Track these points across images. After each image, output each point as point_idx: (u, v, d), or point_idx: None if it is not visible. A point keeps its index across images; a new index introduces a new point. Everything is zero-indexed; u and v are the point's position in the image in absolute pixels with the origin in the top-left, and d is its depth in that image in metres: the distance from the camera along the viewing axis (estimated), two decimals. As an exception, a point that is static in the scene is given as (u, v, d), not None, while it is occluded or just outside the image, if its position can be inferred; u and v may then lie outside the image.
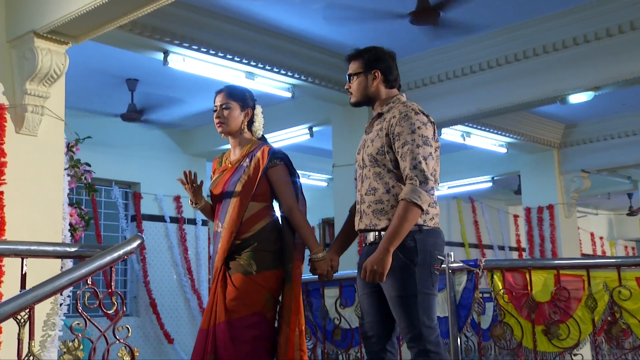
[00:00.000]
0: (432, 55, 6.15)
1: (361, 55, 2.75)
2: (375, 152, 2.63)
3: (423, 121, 2.58)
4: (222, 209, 2.82)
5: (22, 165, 3.87)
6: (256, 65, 5.51)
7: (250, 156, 2.88)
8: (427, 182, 2.51)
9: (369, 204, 2.63)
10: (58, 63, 3.88)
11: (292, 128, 7.38)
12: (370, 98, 2.74)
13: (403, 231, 2.47)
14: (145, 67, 6.09)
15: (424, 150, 2.53)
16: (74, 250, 2.32)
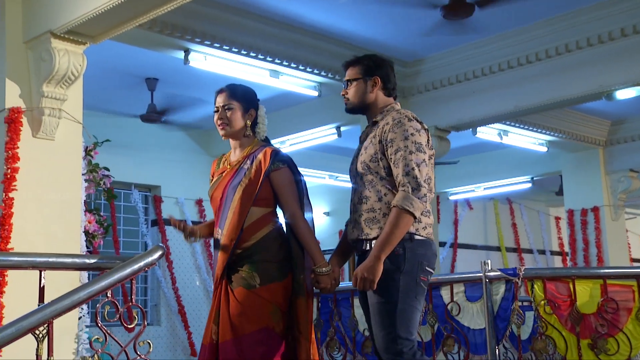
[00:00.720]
0: (466, 50, 6.09)
1: (361, 61, 2.82)
2: (368, 160, 2.68)
3: (417, 128, 2.64)
4: (221, 214, 2.78)
5: (39, 171, 3.94)
6: (281, 62, 5.52)
7: (251, 158, 2.84)
8: (420, 189, 2.55)
9: (361, 212, 2.68)
10: (75, 64, 3.93)
11: (318, 128, 7.39)
12: (367, 105, 2.79)
13: (394, 238, 2.52)
14: (165, 66, 6.15)
15: (417, 156, 2.59)
16: (93, 262, 2.34)
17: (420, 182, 2.56)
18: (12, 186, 3.79)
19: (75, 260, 2.32)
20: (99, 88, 6.59)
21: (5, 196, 3.76)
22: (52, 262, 2.20)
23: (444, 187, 9.98)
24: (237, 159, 2.87)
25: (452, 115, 6.42)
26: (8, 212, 3.77)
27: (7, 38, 3.97)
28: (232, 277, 2.68)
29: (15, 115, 3.87)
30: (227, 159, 2.94)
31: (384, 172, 2.65)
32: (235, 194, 2.76)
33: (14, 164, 3.82)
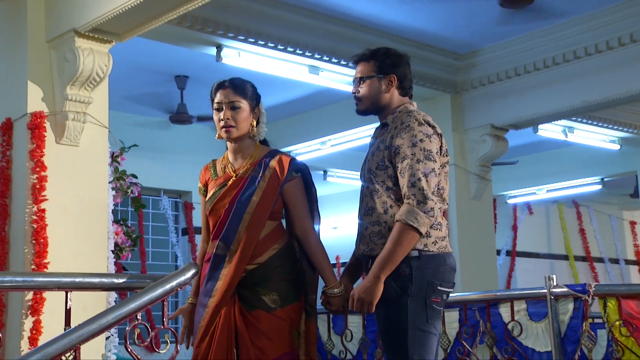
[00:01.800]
0: (526, 40, 6.00)
1: (375, 56, 2.75)
2: (374, 167, 2.65)
3: (427, 133, 2.59)
4: (226, 227, 2.71)
5: (63, 180, 4.02)
6: (321, 57, 5.52)
7: (262, 165, 2.78)
8: (426, 202, 2.50)
9: (367, 225, 2.65)
10: (101, 64, 4.00)
11: (362, 127, 7.34)
12: (381, 106, 2.74)
13: (397, 257, 2.48)
14: (195, 63, 6.21)
15: (425, 166, 2.53)
16: (122, 282, 2.38)
17: (426, 194, 2.51)
18: (41, 196, 3.87)
19: (103, 280, 2.36)
20: (124, 87, 6.70)
21: (37, 207, 3.84)
22: (79, 283, 2.24)
23: (501, 189, 9.86)
24: (244, 166, 2.81)
25: (511, 112, 6.34)
26: (41, 224, 3.84)
27: (29, 37, 4.06)
28: (245, 297, 2.63)
29: (38, 120, 3.95)
30: (228, 166, 2.86)
31: (391, 182, 2.61)
32: (250, 206, 2.71)
33: (42, 172, 3.90)
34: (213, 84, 2.92)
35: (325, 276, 2.75)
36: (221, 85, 2.87)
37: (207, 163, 3.01)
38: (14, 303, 3.80)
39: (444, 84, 6.42)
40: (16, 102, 4.07)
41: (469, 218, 6.57)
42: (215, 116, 2.82)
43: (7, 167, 4.06)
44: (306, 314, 2.75)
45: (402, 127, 2.59)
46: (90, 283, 2.32)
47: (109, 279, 2.39)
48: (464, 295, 4.23)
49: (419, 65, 6.15)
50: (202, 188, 2.93)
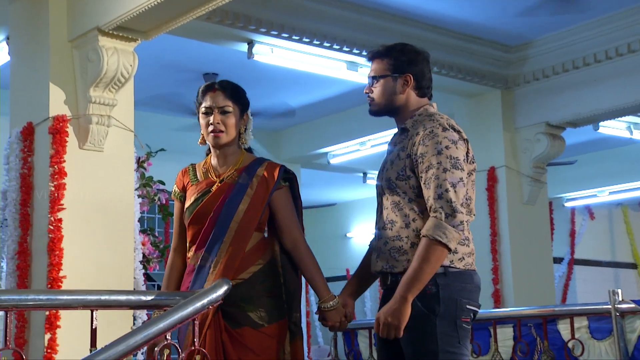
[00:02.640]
0: (585, 29, 5.90)
1: (390, 53, 2.72)
2: (394, 177, 2.62)
3: (452, 139, 2.55)
4: (211, 237, 2.71)
5: (87, 187, 4.08)
6: (360, 53, 5.51)
7: (248, 173, 2.80)
8: (456, 215, 2.47)
9: (386, 240, 2.62)
10: (126, 64, 4.05)
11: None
12: (396, 108, 2.71)
13: (424, 275, 2.45)
14: (225, 60, 6.26)
15: (453, 175, 2.50)
16: (150, 299, 2.40)
17: (455, 206, 2.47)
18: (59, 205, 3.94)
19: (130, 298, 2.39)
20: (150, 87, 6.77)
21: (53, 217, 3.91)
22: (105, 301, 2.27)
23: (558, 191, 9.73)
24: (228, 173, 2.82)
25: (568, 108, 6.25)
26: (57, 235, 3.90)
27: (50, 36, 4.13)
28: (230, 314, 2.63)
29: (61, 124, 4.02)
30: (210, 171, 2.87)
31: (413, 193, 2.58)
32: (236, 215, 2.73)
33: (61, 179, 3.97)
34: (200, 86, 2.94)
35: (317, 289, 2.76)
36: (210, 87, 2.89)
37: (185, 167, 2.98)
38: (36, 319, 3.87)
39: (494, 78, 6.36)
40: (37, 106, 4.15)
41: (522, 224, 6.49)
42: (202, 119, 2.85)
43: (29, 174, 4.13)
44: (291, 334, 2.77)
45: (425, 133, 2.56)
46: (116, 301, 2.34)
47: (136, 297, 2.41)
48: (519, 310, 4.18)
49: (466, 58, 6.10)
50: (179, 192, 2.92)
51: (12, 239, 4.10)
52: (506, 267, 6.34)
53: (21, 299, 2.15)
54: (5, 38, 4.79)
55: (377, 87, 2.70)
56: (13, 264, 4.04)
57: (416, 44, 5.72)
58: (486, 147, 6.55)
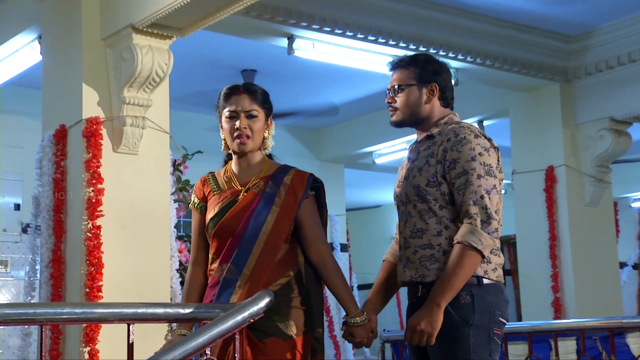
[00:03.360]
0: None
1: (415, 63, 2.82)
2: (424, 184, 2.70)
3: (485, 146, 2.66)
4: (238, 249, 2.74)
5: (121, 192, 4.14)
6: (407, 46, 5.49)
7: (275, 181, 2.82)
8: (491, 222, 2.58)
9: (415, 249, 2.70)
10: (161, 62, 4.10)
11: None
12: (421, 118, 2.80)
13: (458, 282, 2.55)
14: (264, 56, 6.30)
15: (487, 182, 2.61)
16: (188, 312, 2.43)
17: (490, 213, 2.58)
18: (97, 212, 4.00)
19: (167, 311, 2.42)
20: (186, 85, 6.85)
21: (92, 224, 3.98)
22: (142, 314, 2.30)
23: (624, 191, 9.59)
24: (253, 182, 2.83)
25: (634, 102, 6.16)
26: (96, 242, 3.97)
27: (83, 35, 4.20)
28: (257, 324, 2.63)
29: (94, 127, 4.08)
30: (233, 179, 2.88)
31: (444, 200, 2.66)
32: (265, 226, 2.75)
33: (99, 185, 4.03)
34: (226, 87, 2.93)
35: (346, 304, 2.79)
36: (235, 90, 2.89)
37: (204, 175, 2.98)
38: (71, 331, 3.94)
39: (552, 71, 6.29)
40: (70, 108, 4.22)
41: (585, 227, 6.41)
42: (226, 124, 2.84)
43: (62, 179, 4.21)
44: (312, 350, 2.78)
45: (457, 140, 2.65)
46: (154, 314, 2.37)
47: (174, 309, 2.44)
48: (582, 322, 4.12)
49: (521, 50, 6.05)
50: (199, 202, 2.92)
51: (46, 246, 4.18)
52: (567, 274, 6.27)
53: (56, 313, 2.19)
54: (37, 37, 4.88)
55: (401, 96, 2.79)
56: (47, 272, 4.13)
57: (465, 36, 5.79)
58: (544, 145, 6.50)
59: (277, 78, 6.86)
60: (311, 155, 8.71)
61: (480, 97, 7.15)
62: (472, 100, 7.15)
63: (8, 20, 5.06)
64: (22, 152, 6.53)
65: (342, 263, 8.79)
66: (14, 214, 6.72)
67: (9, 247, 6.62)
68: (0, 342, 6.33)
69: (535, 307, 6.43)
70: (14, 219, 6.71)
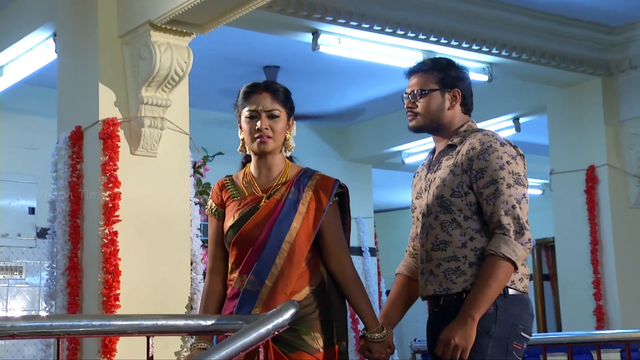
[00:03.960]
0: None
1: (437, 67, 2.87)
2: (448, 194, 2.74)
3: (511, 154, 2.70)
4: (260, 259, 2.72)
5: (139, 196, 4.17)
6: (438, 40, 5.48)
7: (298, 187, 2.80)
8: (524, 232, 2.64)
9: (439, 262, 2.74)
10: (180, 61, 4.12)
11: (489, 120, 7.33)
12: (442, 124, 2.85)
13: (492, 294, 2.60)
14: (288, 52, 6.32)
15: (517, 191, 2.65)
16: (210, 324, 2.44)
17: (523, 223, 2.63)
18: (114, 217, 4.03)
19: (189, 323, 2.42)
20: (206, 82, 6.88)
21: (108, 230, 4.01)
22: (162, 326, 2.31)
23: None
24: (275, 187, 2.81)
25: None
26: (113, 249, 4.00)
27: (99, 32, 4.23)
28: (281, 338, 2.63)
29: (111, 128, 4.11)
30: (254, 184, 2.84)
31: (470, 211, 2.71)
32: (288, 235, 2.73)
33: (116, 188, 4.06)
34: (246, 85, 2.91)
35: (366, 318, 2.79)
36: (255, 89, 2.86)
37: (221, 179, 2.94)
38: (89, 342, 3.97)
39: (593, 65, 6.24)
40: (86, 108, 4.26)
41: (629, 230, 6.36)
42: (246, 124, 2.81)
43: (78, 182, 4.24)
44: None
45: (483, 148, 2.69)
46: (174, 327, 2.38)
47: (195, 321, 2.44)
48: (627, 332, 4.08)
49: (560, 43, 6.01)
50: (216, 209, 2.89)
51: (63, 253, 4.21)
52: (610, 281, 6.21)
53: (73, 326, 2.21)
54: (52, 35, 4.93)
55: (422, 101, 2.84)
56: (64, 280, 4.16)
57: (500, 29, 5.74)
58: (584, 144, 6.45)
59: (301, 75, 6.87)
60: (337, 155, 8.71)
61: (515, 93, 7.15)
62: (507, 97, 7.16)
63: (22, 17, 5.12)
64: (36, 153, 6.59)
65: (371, 267, 8.79)
66: (29, 218, 6.76)
67: (23, 252, 6.67)
68: (16, 352, 6.40)
69: (576, 316, 6.38)
70: (28, 223, 6.76)
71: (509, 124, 7.42)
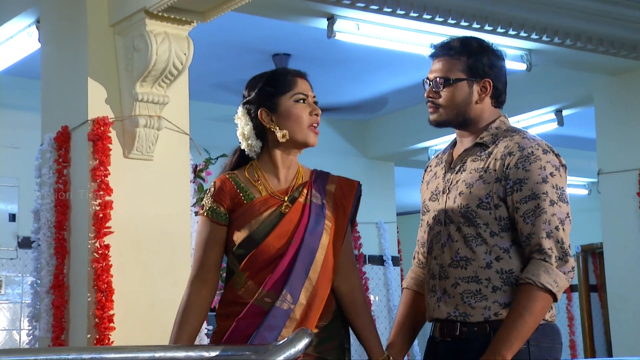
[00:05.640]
0: None
1: (467, 51, 2.73)
2: (475, 204, 2.63)
3: (555, 164, 2.61)
4: (293, 273, 2.68)
5: (134, 204, 4.18)
6: (469, 25, 5.46)
7: (318, 190, 2.78)
8: (567, 259, 2.54)
9: (456, 281, 2.64)
10: (179, 52, 4.14)
11: (528, 113, 7.38)
12: (469, 118, 2.73)
13: (527, 330, 2.51)
14: (299, 38, 6.34)
15: (561, 209, 2.56)
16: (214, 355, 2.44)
17: (567, 249, 2.54)
18: (105, 228, 4.06)
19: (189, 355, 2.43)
20: (208, 72, 6.89)
21: (99, 243, 4.03)
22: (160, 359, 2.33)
23: None
24: (292, 187, 2.78)
25: None
26: (104, 265, 4.01)
27: (89, 20, 4.25)
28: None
29: (102, 128, 4.12)
30: (267, 184, 2.78)
31: (498, 226, 2.61)
32: (320, 245, 2.71)
33: (107, 196, 4.08)
34: (280, 69, 2.92)
35: (372, 346, 2.79)
36: (299, 74, 2.84)
37: (221, 175, 2.83)
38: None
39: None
40: (74, 106, 4.29)
41: None
42: (297, 109, 2.76)
43: (64, 189, 4.27)
44: None
45: (524, 155, 2.59)
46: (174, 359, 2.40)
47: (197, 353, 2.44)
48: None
49: (609, 26, 5.96)
50: (224, 213, 2.76)
51: (47, 269, 4.23)
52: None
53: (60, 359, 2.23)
54: (34, 21, 4.94)
55: (446, 92, 2.71)
56: (48, 300, 4.18)
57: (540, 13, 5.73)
58: (637, 140, 6.43)
59: (314, 63, 6.87)
60: (356, 152, 8.72)
61: (558, 83, 7.14)
62: (548, 87, 7.16)
63: (2, 2, 5.13)
64: (18, 152, 6.60)
65: (393, 279, 8.78)
66: (9, 226, 6.72)
67: (3, 264, 6.65)
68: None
69: (628, 336, 6.37)
70: (8, 232, 6.71)
71: (550, 117, 7.43)
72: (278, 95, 2.78)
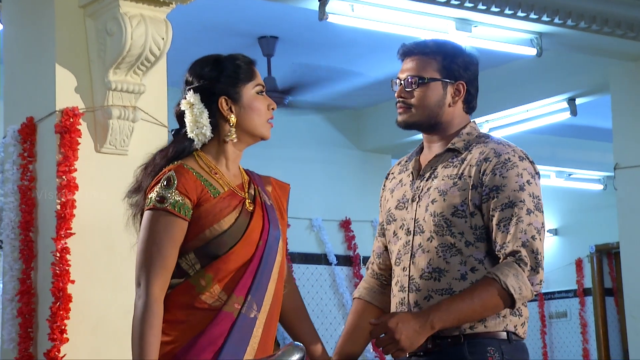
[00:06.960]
0: None
1: (442, 51, 2.83)
2: (450, 212, 2.71)
3: (531, 172, 2.72)
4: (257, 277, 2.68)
5: (105, 203, 4.16)
6: (475, 7, 5.46)
7: (263, 190, 2.80)
8: (539, 271, 2.65)
9: (429, 294, 2.71)
10: (156, 37, 4.14)
11: (537, 102, 7.41)
12: (440, 122, 2.82)
13: (468, 315, 2.61)
14: (287, 21, 6.34)
15: (537, 218, 2.67)
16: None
17: (540, 260, 2.64)
18: (67, 229, 4.05)
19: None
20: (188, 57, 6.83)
21: (59, 245, 4.02)
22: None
23: None
24: (243, 182, 2.76)
25: None
26: (62, 268, 4.00)
27: (57, 1, 4.24)
28: None
29: (71, 120, 4.12)
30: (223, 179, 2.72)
31: (474, 235, 2.70)
32: (279, 248, 2.76)
33: (70, 195, 4.07)
34: (240, 56, 2.84)
35: (316, 352, 2.84)
36: (253, 62, 2.84)
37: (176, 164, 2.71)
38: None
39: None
40: (40, 96, 4.30)
41: None
42: (258, 101, 2.76)
43: (30, 186, 4.26)
44: None
45: (501, 161, 2.69)
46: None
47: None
48: None
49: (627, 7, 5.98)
50: (189, 207, 2.64)
51: (12, 274, 4.22)
52: None
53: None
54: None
55: (419, 91, 2.79)
56: (14, 307, 4.17)
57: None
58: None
59: (306, 48, 6.87)
60: (349, 144, 8.71)
61: (571, 69, 7.14)
62: (560, 73, 7.15)
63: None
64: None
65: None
66: (-31, 226, 6.73)
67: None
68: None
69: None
70: (-32, 232, 6.72)
71: (562, 105, 7.43)
72: (241, 84, 2.78)
